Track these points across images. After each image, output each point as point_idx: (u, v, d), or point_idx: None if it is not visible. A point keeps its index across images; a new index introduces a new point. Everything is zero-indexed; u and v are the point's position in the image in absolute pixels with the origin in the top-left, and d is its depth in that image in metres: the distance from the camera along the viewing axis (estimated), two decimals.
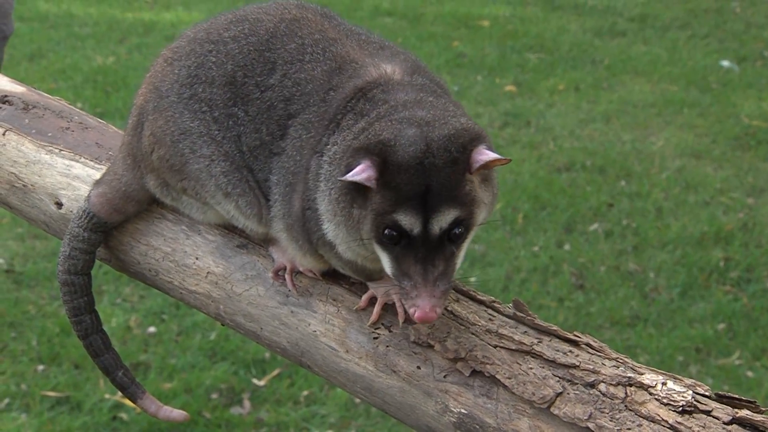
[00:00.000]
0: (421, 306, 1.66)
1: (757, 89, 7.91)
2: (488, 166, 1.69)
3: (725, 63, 8.48)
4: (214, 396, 4.24)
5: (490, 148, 1.71)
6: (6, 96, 2.42)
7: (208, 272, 2.05)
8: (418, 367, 1.80)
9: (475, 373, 1.75)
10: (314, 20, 1.95)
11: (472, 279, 1.89)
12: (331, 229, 1.78)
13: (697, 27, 9.48)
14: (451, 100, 1.85)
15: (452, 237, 1.68)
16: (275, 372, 4.39)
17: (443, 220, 1.66)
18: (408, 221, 1.65)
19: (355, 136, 1.74)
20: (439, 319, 1.80)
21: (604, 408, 1.65)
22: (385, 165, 1.65)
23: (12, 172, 2.29)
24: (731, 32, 9.34)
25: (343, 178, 1.66)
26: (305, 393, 4.28)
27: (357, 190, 1.70)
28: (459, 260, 1.72)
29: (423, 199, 1.65)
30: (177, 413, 2.17)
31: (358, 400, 4.25)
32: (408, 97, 1.77)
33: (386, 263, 1.71)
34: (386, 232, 1.67)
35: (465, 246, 1.73)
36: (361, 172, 1.65)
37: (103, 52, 8.43)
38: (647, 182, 6.25)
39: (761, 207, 5.99)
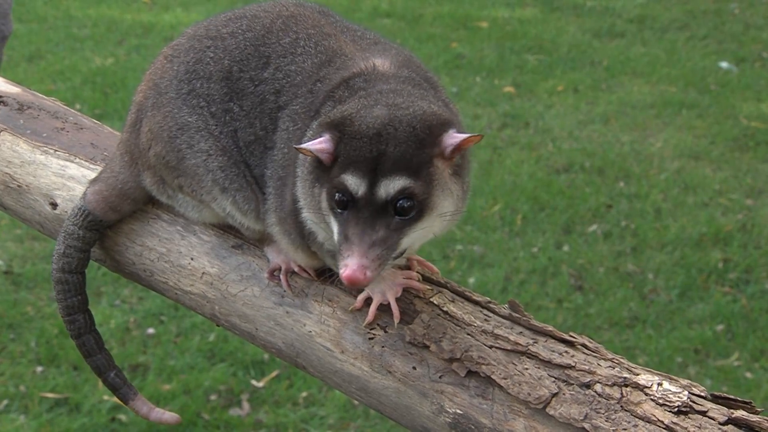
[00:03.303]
0: (350, 265, 1.61)
1: (755, 90, 7.90)
2: (462, 146, 1.68)
3: (724, 64, 8.48)
4: (213, 397, 4.24)
5: (460, 132, 1.70)
6: (1, 96, 2.41)
7: (203, 273, 2.04)
8: (414, 368, 1.79)
9: (470, 373, 1.74)
10: (311, 17, 1.96)
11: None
12: (308, 216, 1.78)
13: (696, 28, 9.48)
14: (435, 93, 1.84)
15: (399, 209, 1.65)
16: (274, 373, 4.39)
17: (391, 186, 1.63)
18: (353, 181, 1.64)
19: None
20: (434, 320, 1.80)
21: (600, 408, 1.64)
22: (343, 136, 1.65)
23: (6, 173, 2.28)
24: (730, 33, 9.34)
25: (297, 146, 1.67)
26: (304, 394, 4.27)
27: (321, 169, 1.69)
28: (406, 238, 1.68)
29: (374, 164, 1.63)
30: (169, 416, 2.16)
31: (357, 402, 4.24)
32: (388, 87, 1.77)
33: (335, 230, 1.68)
34: (336, 197, 1.65)
35: (418, 227, 1.68)
36: (317, 144, 1.65)
37: (102, 54, 8.43)
38: (646, 183, 6.25)
39: (760, 208, 5.99)
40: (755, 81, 8.11)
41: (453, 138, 1.68)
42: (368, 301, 1.87)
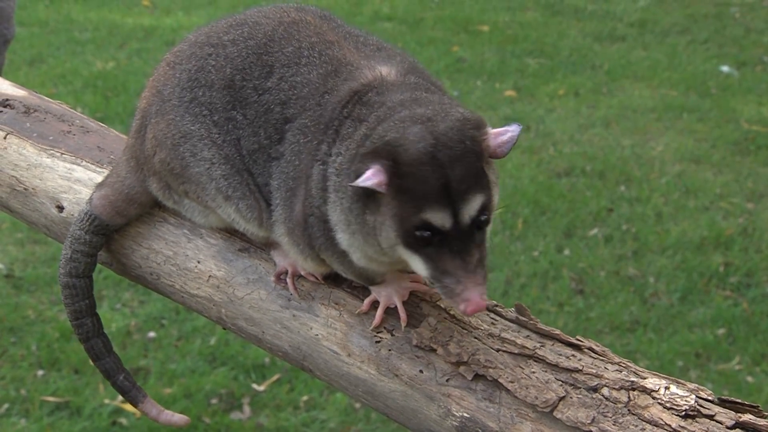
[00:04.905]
0: (472, 298, 1.62)
1: (756, 94, 7.91)
2: (510, 145, 1.70)
3: (725, 68, 8.48)
4: (214, 401, 4.24)
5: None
6: (7, 100, 2.41)
7: (209, 276, 2.04)
8: (421, 371, 1.79)
9: (477, 377, 1.74)
10: (313, 23, 1.94)
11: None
12: (345, 238, 1.76)
13: (697, 32, 9.49)
14: (446, 96, 1.84)
15: (480, 224, 1.66)
16: (275, 377, 4.39)
17: (472, 208, 1.64)
18: (439, 218, 1.62)
19: (360, 143, 1.72)
20: (441, 323, 1.80)
21: (607, 412, 1.64)
22: (397, 166, 1.63)
23: (13, 176, 2.28)
24: (731, 37, 9.35)
25: (353, 184, 1.64)
26: (305, 398, 4.27)
27: (368, 196, 1.68)
28: (487, 244, 1.70)
29: (446, 192, 1.62)
30: (178, 417, 2.17)
31: (358, 405, 4.24)
32: (403, 96, 1.76)
33: (419, 266, 1.68)
34: (417, 234, 1.64)
35: (489, 230, 1.71)
36: (372, 177, 1.62)
37: (103, 57, 8.43)
38: (647, 187, 6.25)
39: (761, 212, 5.99)
40: (756, 85, 8.12)
41: (501, 137, 1.70)
42: (375, 305, 1.87)
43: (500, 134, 1.70)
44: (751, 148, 6.90)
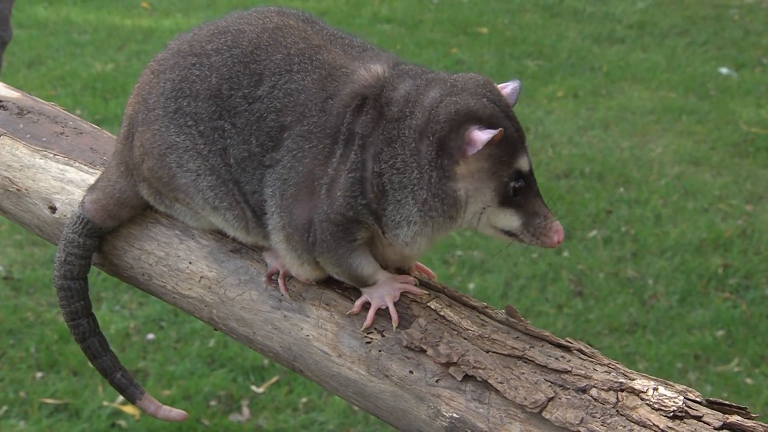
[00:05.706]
0: (560, 228, 1.81)
1: (755, 96, 7.91)
2: (516, 96, 1.88)
3: (724, 70, 8.48)
4: (213, 403, 4.24)
5: None
6: (0, 101, 2.42)
7: (201, 277, 2.05)
8: (411, 372, 1.80)
9: (467, 377, 1.75)
10: (297, 27, 1.93)
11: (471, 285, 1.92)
12: (413, 230, 1.82)
13: (696, 34, 9.49)
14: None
15: None
16: (274, 379, 4.39)
17: (528, 150, 1.82)
18: (524, 163, 1.79)
19: (420, 133, 1.77)
20: (431, 324, 1.81)
21: (596, 413, 1.65)
22: (482, 127, 1.73)
23: (6, 177, 2.29)
24: (730, 39, 9.35)
25: (477, 150, 1.71)
26: (304, 400, 4.27)
27: (448, 177, 1.76)
28: None
29: (521, 139, 1.80)
30: (176, 413, 2.19)
31: (356, 407, 4.25)
32: (416, 81, 1.83)
33: (511, 219, 1.81)
34: (512, 185, 1.78)
35: None
36: (484, 133, 1.72)
37: (102, 59, 8.44)
38: (646, 189, 6.26)
39: (760, 214, 5.99)
40: (755, 87, 8.12)
41: (510, 87, 1.87)
42: (366, 306, 1.88)
43: (505, 87, 1.86)
44: (750, 149, 6.90)
